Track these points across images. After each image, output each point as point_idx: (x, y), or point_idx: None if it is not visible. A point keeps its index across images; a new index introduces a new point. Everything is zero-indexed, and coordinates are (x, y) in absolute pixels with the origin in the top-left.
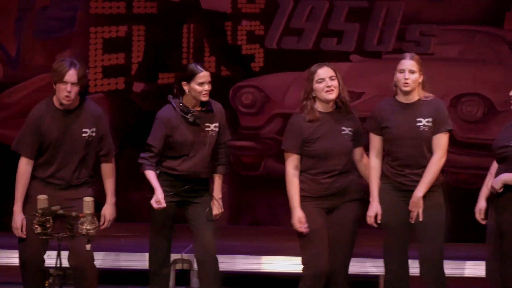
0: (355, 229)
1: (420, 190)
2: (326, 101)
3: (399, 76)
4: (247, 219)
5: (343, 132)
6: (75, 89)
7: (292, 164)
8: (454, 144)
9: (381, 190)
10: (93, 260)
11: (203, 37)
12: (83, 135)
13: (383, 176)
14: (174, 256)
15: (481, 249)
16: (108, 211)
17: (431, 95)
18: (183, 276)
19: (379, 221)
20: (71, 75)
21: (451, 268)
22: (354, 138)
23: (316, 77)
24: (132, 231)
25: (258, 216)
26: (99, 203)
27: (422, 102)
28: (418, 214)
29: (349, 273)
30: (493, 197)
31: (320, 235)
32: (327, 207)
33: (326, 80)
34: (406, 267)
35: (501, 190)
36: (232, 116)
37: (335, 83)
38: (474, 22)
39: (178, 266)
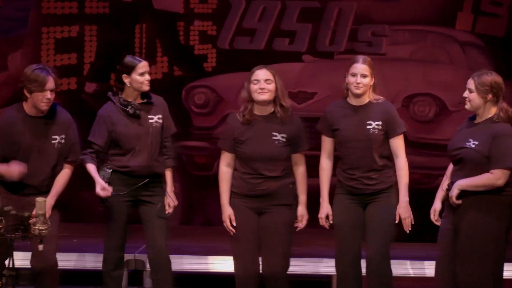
0: (287, 232)
1: (404, 195)
2: (258, 103)
3: (351, 79)
4: (199, 219)
5: (273, 138)
6: (53, 94)
7: (224, 162)
8: (406, 144)
9: (334, 194)
10: (57, 265)
11: (155, 37)
12: (53, 141)
13: (337, 180)
14: (127, 257)
15: (430, 249)
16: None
17: (382, 97)
18: (136, 277)
19: (331, 222)
20: (51, 82)
21: (401, 268)
22: (289, 144)
23: (252, 78)
24: (84, 232)
25: (210, 216)
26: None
27: (373, 105)
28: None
29: (302, 273)
30: (448, 199)
31: (245, 234)
32: (256, 207)
33: (261, 81)
34: (358, 267)
35: (459, 202)
36: (185, 116)
37: (270, 86)
38: (426, 23)
39: (131, 267)
